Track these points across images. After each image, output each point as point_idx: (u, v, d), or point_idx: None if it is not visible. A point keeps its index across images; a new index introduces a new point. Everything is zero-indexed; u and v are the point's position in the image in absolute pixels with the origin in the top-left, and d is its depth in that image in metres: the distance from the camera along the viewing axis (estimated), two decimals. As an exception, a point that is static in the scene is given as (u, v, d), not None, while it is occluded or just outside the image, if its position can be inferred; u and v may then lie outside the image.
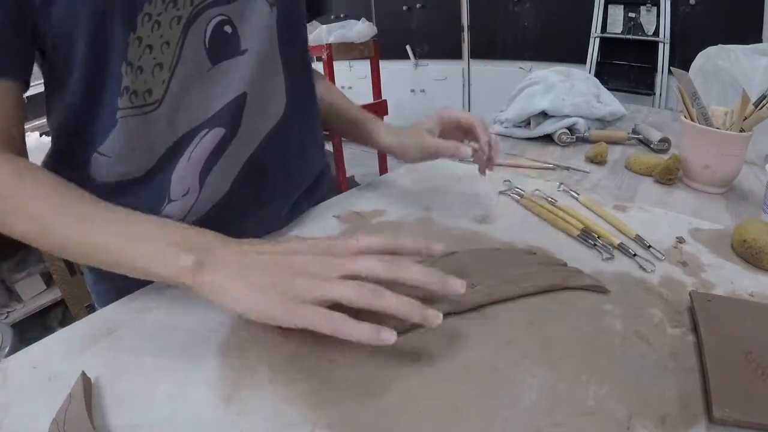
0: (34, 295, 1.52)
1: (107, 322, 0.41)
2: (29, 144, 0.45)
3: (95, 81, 0.40)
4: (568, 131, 0.90)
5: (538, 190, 0.65)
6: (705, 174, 0.66)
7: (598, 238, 0.51)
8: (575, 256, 0.48)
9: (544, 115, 0.93)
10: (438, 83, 3.08)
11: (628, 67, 2.30)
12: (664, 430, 0.29)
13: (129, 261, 0.36)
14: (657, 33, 2.15)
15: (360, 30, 2.12)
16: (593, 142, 0.87)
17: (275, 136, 0.51)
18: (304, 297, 0.31)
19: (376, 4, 3.16)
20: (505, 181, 0.70)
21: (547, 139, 0.93)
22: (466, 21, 2.80)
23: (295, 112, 0.52)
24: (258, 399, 0.32)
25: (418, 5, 2.95)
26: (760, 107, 0.63)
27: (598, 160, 0.79)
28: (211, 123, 0.45)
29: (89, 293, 0.58)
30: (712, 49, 0.89)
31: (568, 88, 0.94)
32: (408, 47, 3.08)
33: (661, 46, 2.13)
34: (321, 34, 2.09)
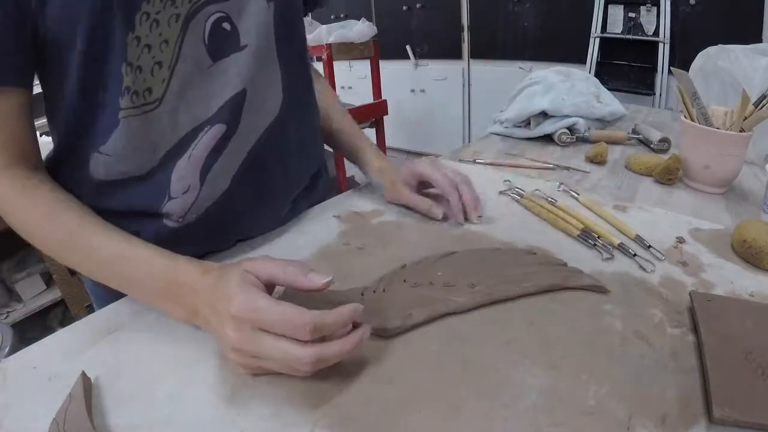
0: (34, 295, 1.51)
1: (107, 322, 0.42)
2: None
3: (94, 82, 0.40)
4: (568, 131, 0.90)
5: (538, 190, 0.65)
6: (705, 174, 0.66)
7: (598, 238, 0.51)
8: (575, 256, 0.48)
9: (544, 115, 0.93)
10: (438, 83, 3.07)
11: (628, 67, 2.30)
12: (664, 430, 0.29)
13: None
14: (657, 33, 2.14)
15: (360, 30, 2.11)
16: (593, 142, 0.87)
17: (273, 133, 0.51)
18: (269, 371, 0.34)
19: (376, 4, 3.16)
20: (505, 181, 0.70)
21: (547, 139, 0.93)
22: (466, 21, 2.80)
23: (292, 109, 0.52)
24: (258, 399, 0.32)
25: (418, 5, 2.94)
26: (760, 107, 0.63)
27: (598, 160, 0.79)
28: (213, 120, 0.45)
29: (89, 293, 0.58)
30: (712, 49, 0.89)
31: (568, 88, 0.94)
32: (408, 47, 3.07)
33: (661, 46, 2.13)
34: (321, 34, 2.09)
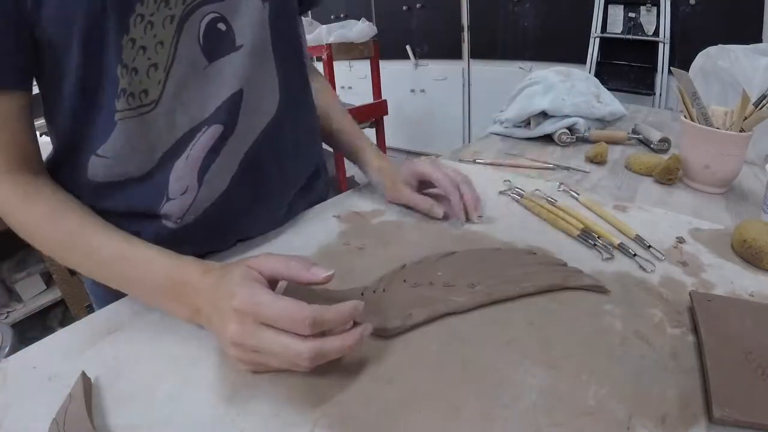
0: (34, 295, 1.51)
1: (107, 322, 0.42)
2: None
3: (91, 84, 0.40)
4: (568, 131, 0.90)
5: (538, 190, 0.65)
6: (705, 174, 0.66)
7: (598, 238, 0.51)
8: (575, 256, 0.48)
9: (544, 115, 0.93)
10: (438, 83, 3.07)
11: (628, 67, 2.30)
12: (664, 430, 0.29)
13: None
14: (657, 33, 2.14)
15: (360, 30, 2.11)
16: (593, 142, 0.87)
17: (270, 133, 0.51)
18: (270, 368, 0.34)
19: (376, 4, 3.16)
20: (505, 181, 0.70)
21: (547, 139, 0.93)
22: (466, 21, 2.80)
23: (289, 109, 0.52)
24: (258, 398, 0.32)
25: (418, 5, 2.94)
26: (760, 107, 0.63)
27: (598, 160, 0.79)
28: (210, 121, 0.45)
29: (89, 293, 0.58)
30: (712, 49, 0.89)
31: (568, 88, 0.94)
32: (408, 47, 3.07)
33: (661, 46, 2.13)
34: (321, 34, 2.09)
